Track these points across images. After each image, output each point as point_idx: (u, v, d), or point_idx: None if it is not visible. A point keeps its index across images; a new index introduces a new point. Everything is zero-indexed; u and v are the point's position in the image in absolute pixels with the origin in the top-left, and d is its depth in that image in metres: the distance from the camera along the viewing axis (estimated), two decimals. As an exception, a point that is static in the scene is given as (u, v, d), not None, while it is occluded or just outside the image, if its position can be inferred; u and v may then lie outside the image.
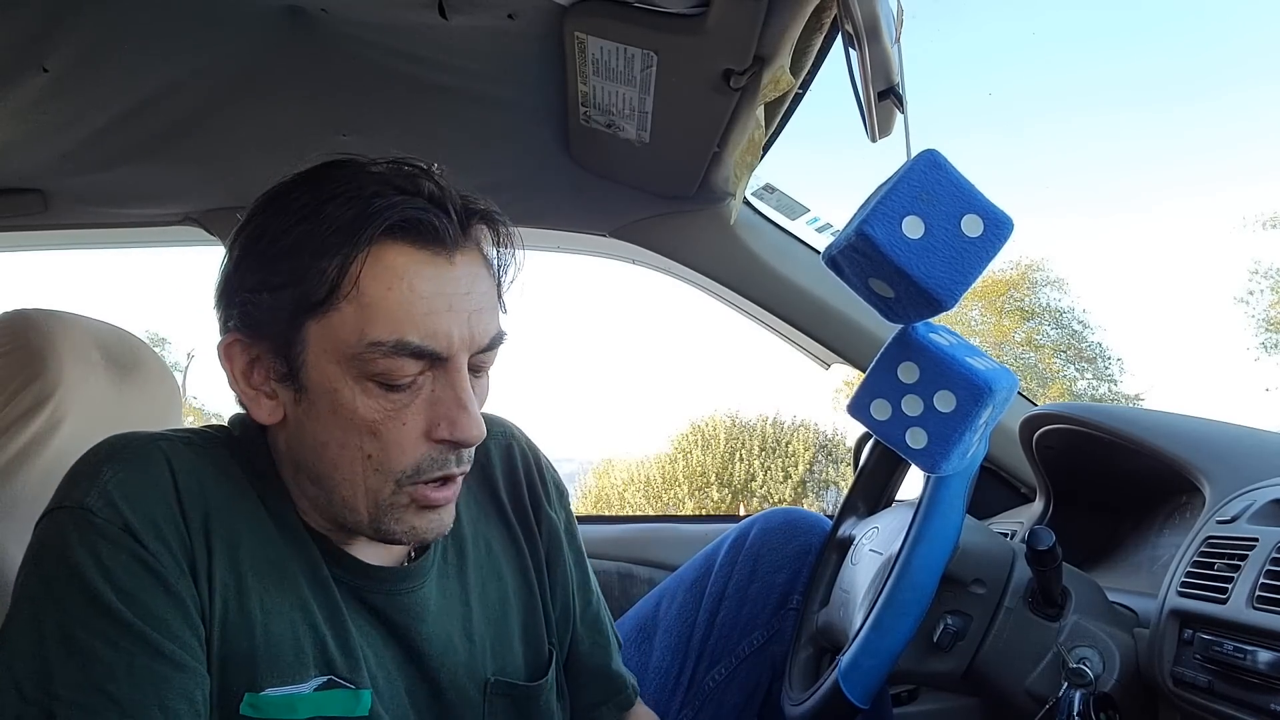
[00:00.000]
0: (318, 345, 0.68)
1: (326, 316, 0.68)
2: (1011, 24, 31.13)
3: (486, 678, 0.80)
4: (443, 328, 0.68)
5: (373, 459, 0.69)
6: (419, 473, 0.70)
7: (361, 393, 0.68)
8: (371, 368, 0.67)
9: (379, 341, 0.67)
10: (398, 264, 0.68)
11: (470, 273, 0.71)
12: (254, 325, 0.70)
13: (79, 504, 0.65)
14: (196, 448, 0.72)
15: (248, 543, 0.70)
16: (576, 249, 1.65)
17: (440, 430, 0.69)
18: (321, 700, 0.70)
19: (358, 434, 0.69)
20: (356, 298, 0.67)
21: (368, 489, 0.70)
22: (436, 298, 0.68)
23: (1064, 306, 17.90)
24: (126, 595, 0.64)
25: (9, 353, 0.92)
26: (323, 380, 0.69)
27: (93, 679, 0.62)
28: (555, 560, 0.89)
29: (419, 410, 0.69)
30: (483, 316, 0.71)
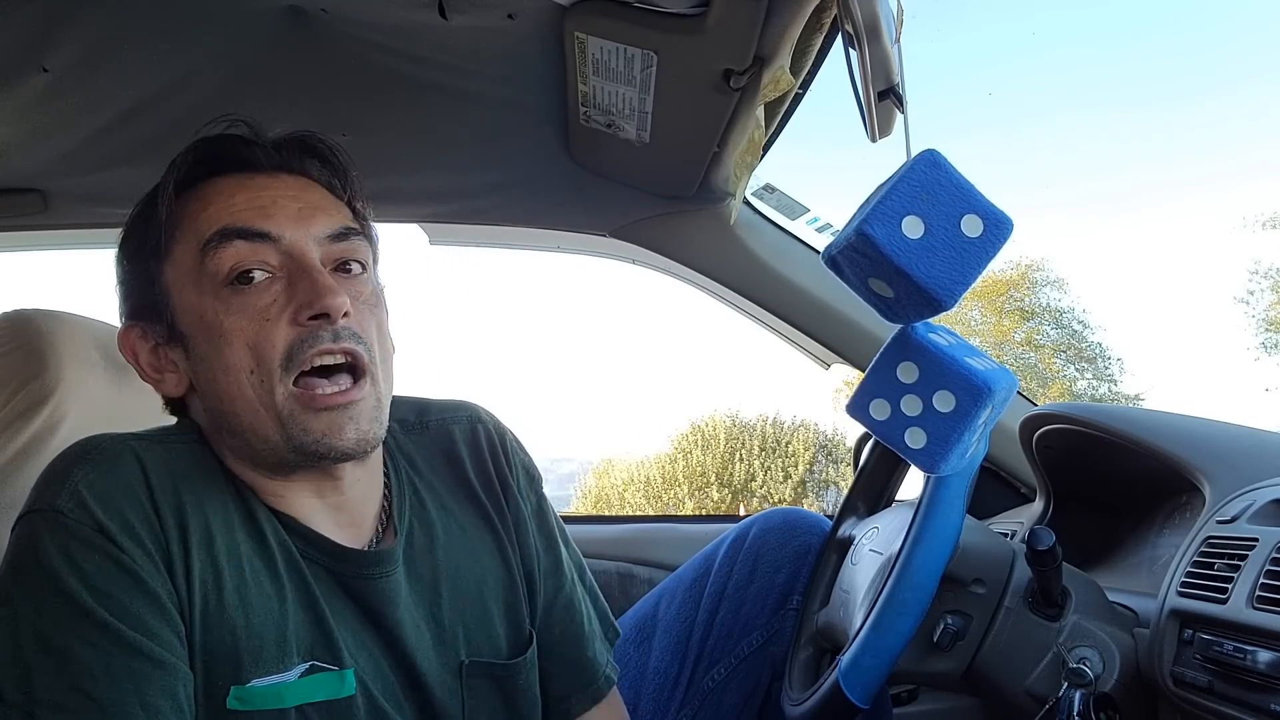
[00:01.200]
0: (174, 283, 0.75)
1: (170, 254, 0.75)
2: (1011, 24, 31.14)
3: (461, 660, 0.81)
4: (267, 216, 0.74)
5: (255, 372, 0.72)
6: (292, 357, 0.72)
7: (220, 305, 0.72)
8: (217, 270, 0.72)
9: (208, 239, 0.73)
10: (214, 189, 0.76)
11: (297, 185, 0.78)
12: (133, 306, 0.77)
13: (50, 506, 0.66)
14: (168, 445, 0.73)
15: (222, 536, 0.71)
16: (576, 249, 1.65)
17: (302, 311, 0.72)
18: (307, 686, 0.71)
19: (234, 351, 0.72)
20: (186, 225, 0.75)
21: (264, 404, 0.72)
22: (257, 199, 0.75)
23: (1064, 306, 17.92)
24: (101, 595, 0.64)
25: (9, 353, 0.93)
26: (189, 314, 0.73)
27: (71, 679, 0.62)
28: (524, 543, 0.89)
29: (280, 307, 0.73)
30: (318, 213, 0.77)
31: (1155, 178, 26.86)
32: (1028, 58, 30.36)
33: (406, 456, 0.87)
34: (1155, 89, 27.14)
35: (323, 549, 0.76)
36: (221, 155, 0.77)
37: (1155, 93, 27.33)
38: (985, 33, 31.24)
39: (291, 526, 0.75)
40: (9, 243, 1.57)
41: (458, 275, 47.83)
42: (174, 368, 0.76)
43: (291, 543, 0.75)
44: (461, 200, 1.52)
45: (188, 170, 0.76)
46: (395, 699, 0.76)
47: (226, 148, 0.77)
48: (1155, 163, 26.84)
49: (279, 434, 0.72)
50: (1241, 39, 25.71)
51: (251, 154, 0.77)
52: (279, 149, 0.79)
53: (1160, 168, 26.61)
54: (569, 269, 59.14)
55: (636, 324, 38.19)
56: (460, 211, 1.55)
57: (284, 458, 0.73)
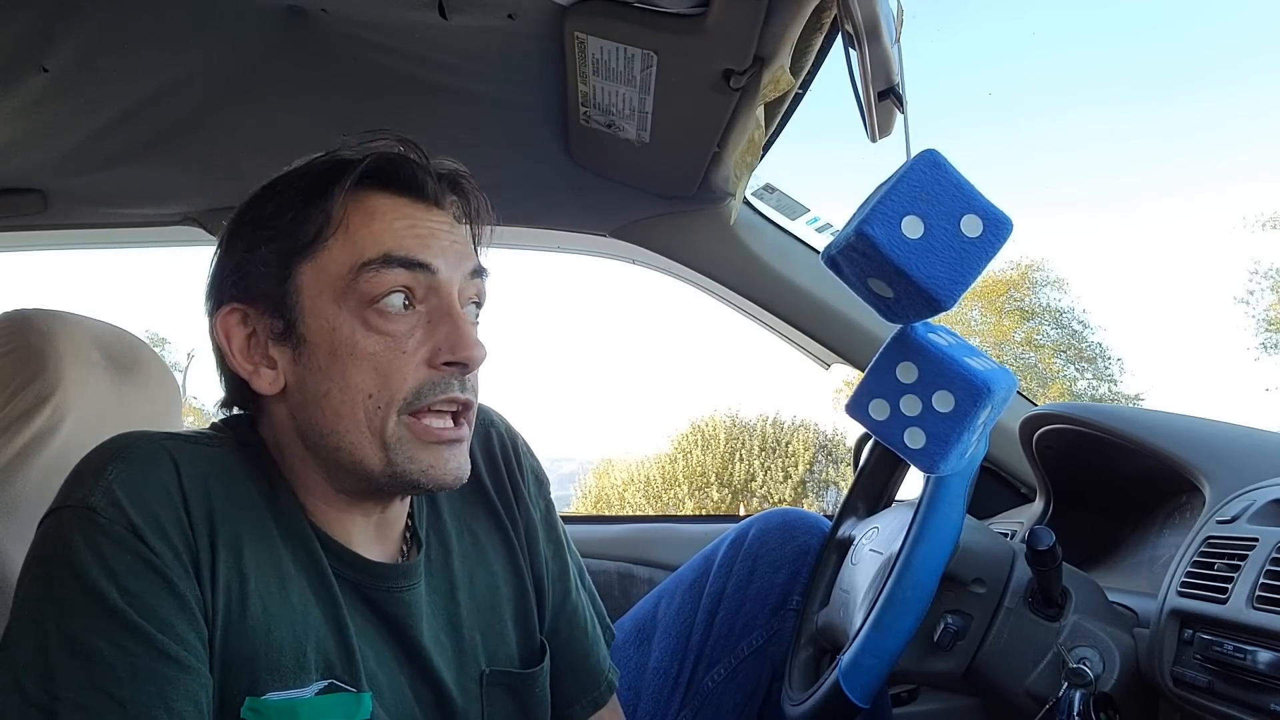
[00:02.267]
0: (312, 287, 0.72)
1: (316, 256, 0.72)
2: (1011, 24, 31.13)
3: (481, 669, 0.81)
4: (427, 247, 0.73)
5: (374, 397, 0.71)
6: (420, 397, 0.71)
7: (360, 325, 0.71)
8: (367, 291, 0.70)
9: (368, 260, 0.71)
10: (378, 203, 0.74)
11: (449, 221, 0.77)
12: (248, 288, 0.74)
13: (83, 503, 0.65)
14: (202, 447, 0.72)
15: (250, 544, 0.70)
16: (576, 249, 1.65)
17: (441, 354, 0.72)
18: (323, 705, 0.70)
19: (359, 372, 0.70)
20: (343, 233, 0.72)
21: (372, 429, 0.71)
22: (419, 228, 0.74)
23: (1064, 306, 17.92)
24: (130, 595, 0.63)
25: (9, 353, 0.92)
26: (320, 322, 0.71)
27: (95, 680, 0.61)
28: (534, 549, 0.89)
29: (419, 341, 0.72)
30: (465, 251, 0.77)
31: (1155, 177, 26.88)
32: (1028, 57, 30.36)
33: None
34: (1155, 89, 27.15)
35: (354, 565, 0.75)
36: (395, 172, 0.75)
37: (1155, 92, 27.35)
38: (985, 32, 31.24)
39: (326, 542, 0.74)
40: (9, 243, 1.57)
41: (458, 275, 47.61)
42: (271, 364, 0.74)
43: (325, 558, 0.74)
44: (461, 200, 1.52)
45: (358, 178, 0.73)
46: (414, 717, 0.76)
47: (402, 166, 0.75)
48: (1155, 163, 26.85)
49: (380, 459, 0.71)
50: (1241, 39, 25.71)
51: (423, 180, 0.75)
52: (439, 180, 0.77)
53: (1160, 168, 26.63)
54: (569, 269, 59.13)
55: (636, 324, 38.18)
56: (460, 211, 1.55)
57: (373, 480, 0.73)
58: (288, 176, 0.76)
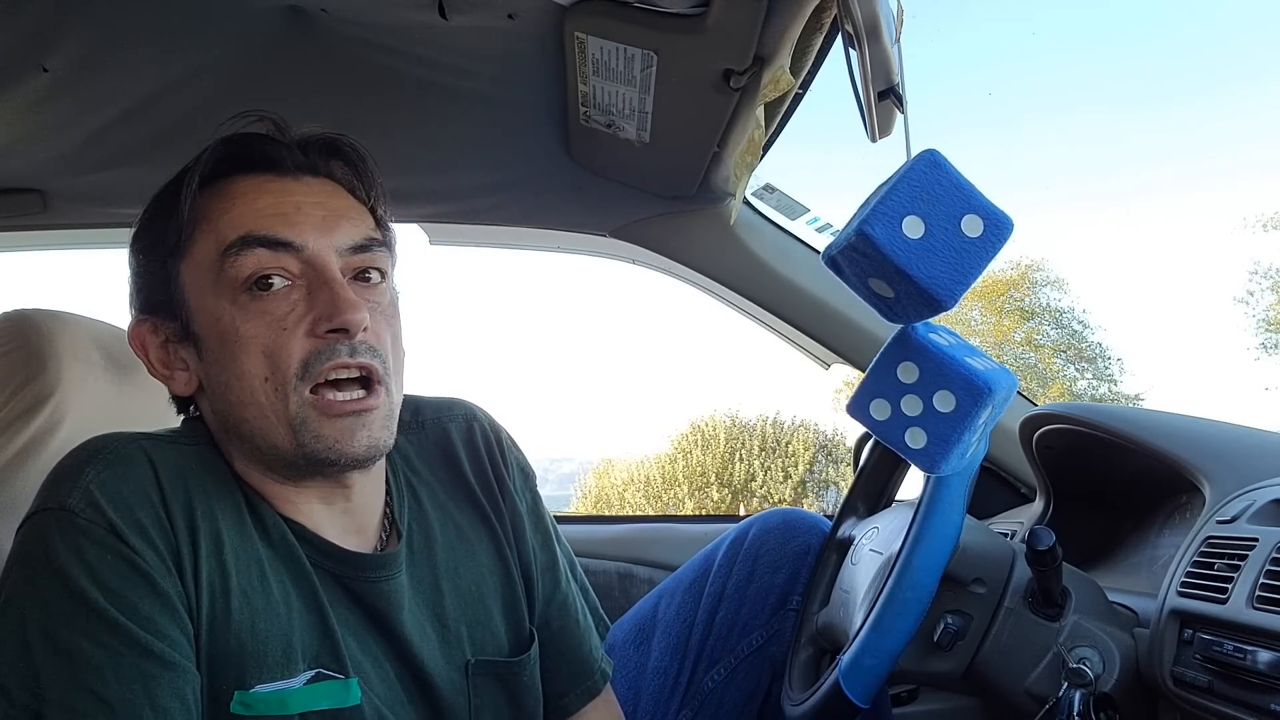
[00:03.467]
0: (191, 284, 0.73)
1: (189, 254, 0.74)
2: (1011, 24, 31.15)
3: (466, 659, 0.81)
4: (291, 224, 0.73)
5: (269, 380, 0.71)
6: (308, 368, 0.71)
7: (238, 311, 0.71)
8: (236, 275, 0.71)
9: (230, 244, 0.71)
10: (239, 187, 0.75)
11: (322, 190, 0.77)
12: (146, 299, 0.76)
13: (61, 505, 0.65)
14: (179, 446, 0.73)
15: (231, 539, 0.71)
16: (576, 249, 1.65)
17: (320, 323, 0.71)
18: (312, 694, 0.70)
19: (248, 358, 0.71)
20: (206, 226, 0.73)
21: (275, 412, 0.71)
22: (281, 205, 0.74)
23: (1064, 306, 17.92)
24: (112, 594, 0.63)
25: (9, 353, 0.92)
26: (205, 316, 0.72)
27: (80, 679, 0.61)
28: (521, 541, 0.90)
29: (299, 316, 0.72)
30: (342, 221, 0.75)
31: (1155, 177, 26.89)
32: (1028, 57, 30.38)
33: (404, 457, 0.87)
34: (1155, 88, 27.15)
35: (330, 555, 0.76)
36: (248, 153, 0.76)
37: (1155, 92, 27.34)
38: (985, 33, 31.27)
39: (300, 533, 0.75)
40: (9, 243, 1.57)
41: (458, 275, 47.84)
42: (184, 366, 0.75)
43: (300, 549, 0.74)
44: (461, 200, 1.52)
45: (211, 166, 0.75)
46: (400, 706, 0.76)
47: (253, 146, 0.76)
48: (1155, 162, 26.86)
49: (290, 440, 0.72)
50: (1241, 39, 25.71)
51: (278, 154, 0.76)
52: (304, 149, 0.77)
53: (1160, 167, 26.63)
54: (569, 269, 59.12)
55: (636, 324, 38.18)
56: (460, 211, 1.55)
57: (293, 463, 0.73)
58: (159, 191, 0.78)
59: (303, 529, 0.75)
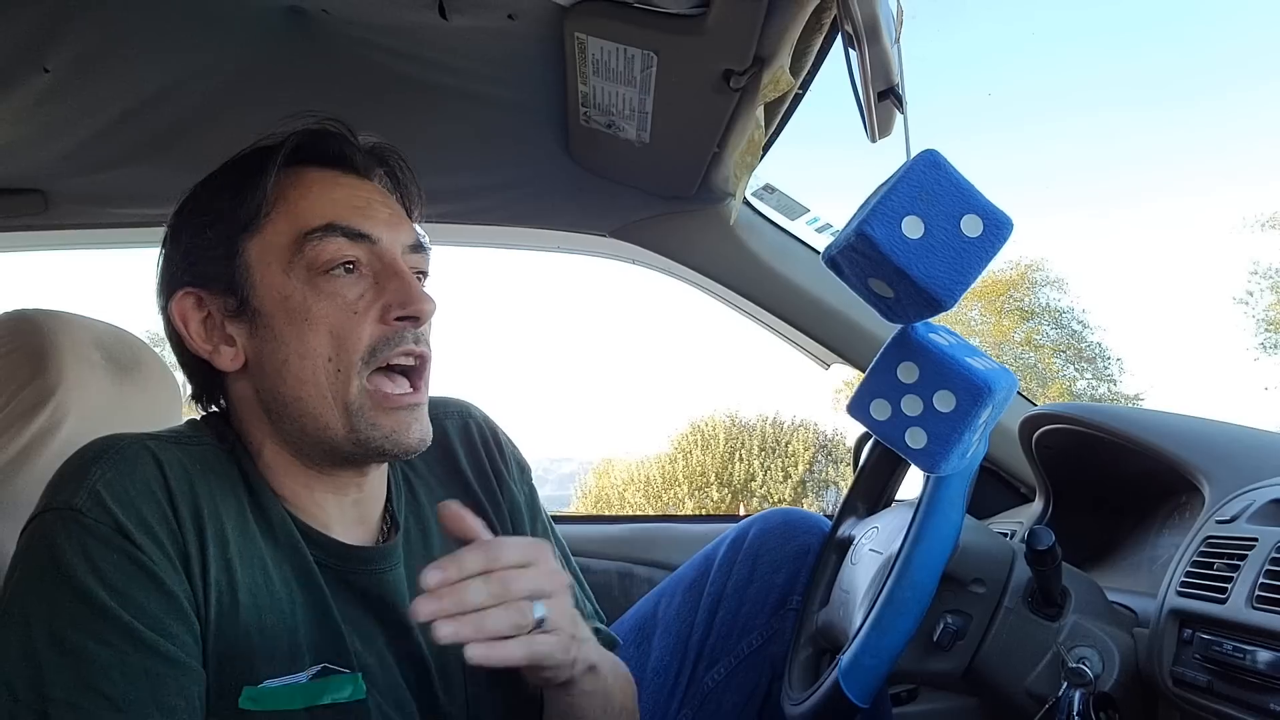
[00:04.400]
0: (260, 261, 0.75)
1: (261, 232, 0.75)
2: (1011, 24, 31.15)
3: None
4: (365, 217, 0.76)
5: (333, 360, 0.73)
6: (376, 352, 0.74)
7: (311, 290, 0.73)
8: (313, 258, 0.73)
9: (312, 229, 0.74)
10: (313, 177, 0.78)
11: (382, 191, 0.81)
12: (199, 272, 0.76)
13: (67, 505, 0.65)
14: (184, 446, 0.73)
15: (235, 537, 0.71)
16: (576, 249, 1.65)
17: (392, 310, 0.74)
18: (318, 688, 0.71)
19: (315, 336, 0.73)
20: (283, 208, 0.75)
21: (334, 394, 0.73)
22: (354, 199, 0.77)
23: (1064, 306, 17.93)
24: (118, 593, 0.64)
25: (9, 353, 0.92)
26: (272, 293, 0.74)
27: (86, 678, 0.61)
28: (519, 532, 0.91)
29: (369, 300, 0.75)
30: (401, 222, 0.80)
31: (1155, 177, 26.89)
32: (1028, 58, 30.40)
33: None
34: (1155, 89, 27.16)
35: (333, 551, 0.76)
36: (324, 147, 0.79)
37: (1155, 93, 27.35)
38: (985, 33, 31.28)
39: (305, 530, 0.76)
40: (9, 243, 1.57)
41: (457, 275, 47.89)
42: (230, 342, 0.76)
43: (306, 547, 0.75)
44: (461, 200, 1.52)
45: (291, 153, 0.77)
46: (404, 697, 0.77)
47: (329, 141, 0.79)
48: (1155, 162, 26.86)
49: (343, 425, 0.73)
50: (1241, 39, 25.71)
51: (352, 153, 0.80)
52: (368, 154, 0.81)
53: (1160, 167, 26.63)
54: (569, 269, 59.12)
55: (636, 324, 38.19)
56: (460, 211, 1.55)
57: (339, 448, 0.75)
58: (222, 167, 0.80)
59: (307, 526, 0.76)
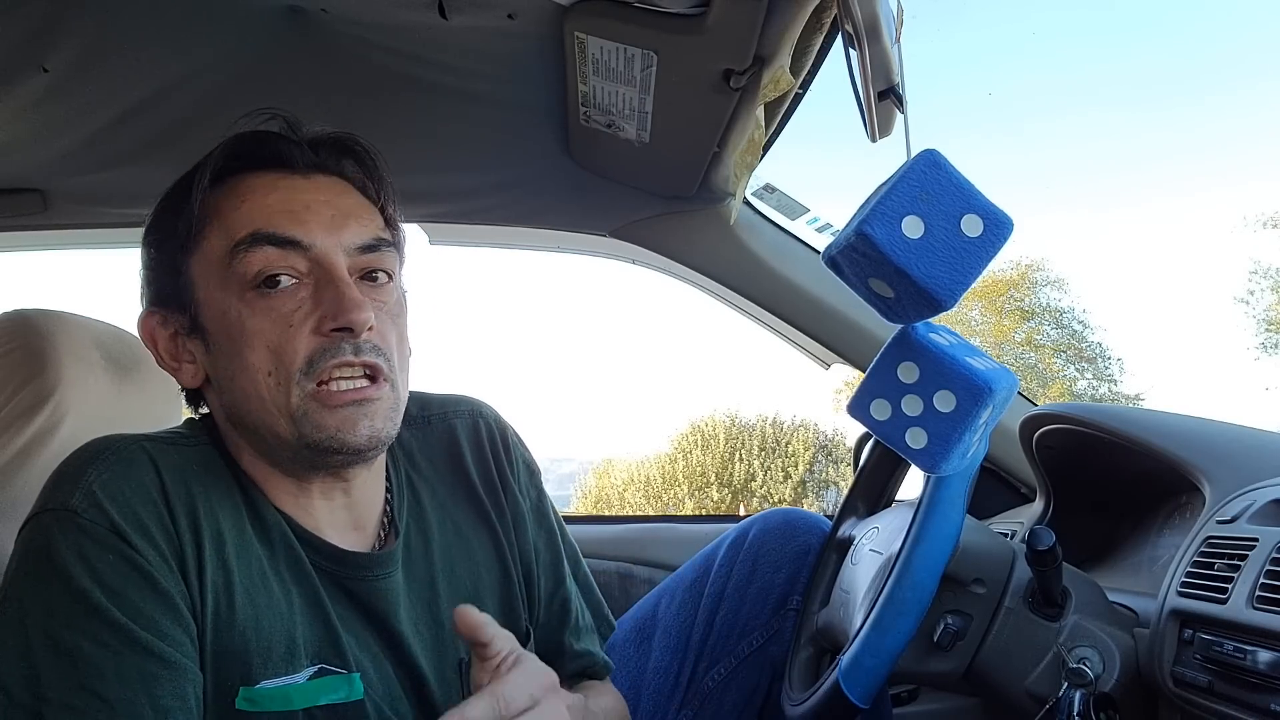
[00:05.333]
0: (201, 279, 0.74)
1: (199, 249, 0.75)
2: (1011, 24, 31.16)
3: (460, 657, 0.81)
4: (299, 222, 0.74)
5: (273, 374, 0.72)
6: (313, 365, 0.72)
7: (245, 307, 0.72)
8: (244, 272, 0.72)
9: (239, 241, 0.72)
10: (251, 184, 0.76)
11: (331, 188, 0.77)
12: (156, 294, 0.77)
13: (64, 506, 0.65)
14: (180, 447, 0.73)
15: (232, 538, 0.71)
16: (576, 249, 1.65)
17: (326, 321, 0.72)
18: (316, 689, 0.71)
19: (252, 353, 0.72)
20: (217, 222, 0.74)
21: (277, 405, 0.72)
22: (291, 203, 0.75)
23: (1064, 306, 17.93)
24: (114, 594, 0.64)
25: (9, 353, 0.92)
26: (213, 310, 0.73)
27: (81, 679, 0.61)
28: (522, 539, 0.90)
29: (305, 314, 0.73)
30: (350, 220, 0.76)
31: (1155, 177, 26.89)
32: (1028, 58, 30.40)
33: (406, 453, 0.87)
34: (1155, 88, 27.16)
35: (327, 555, 0.76)
36: (259, 151, 0.77)
37: (1155, 92, 27.35)
38: (985, 33, 31.29)
39: (300, 533, 0.76)
40: (9, 243, 1.57)
41: (458, 275, 47.83)
42: (192, 359, 0.76)
43: (301, 549, 0.75)
44: (461, 200, 1.52)
45: (223, 163, 0.76)
46: (399, 702, 0.76)
47: (265, 143, 0.77)
48: (1155, 162, 26.86)
49: (292, 431, 0.72)
50: (1241, 38, 25.71)
51: (289, 152, 0.77)
52: (316, 148, 0.78)
53: (1160, 167, 26.64)
54: (569, 269, 59.13)
55: (636, 324, 38.19)
56: (460, 211, 1.55)
57: (296, 454, 0.74)
58: (174, 184, 0.78)
59: (302, 529, 0.76)
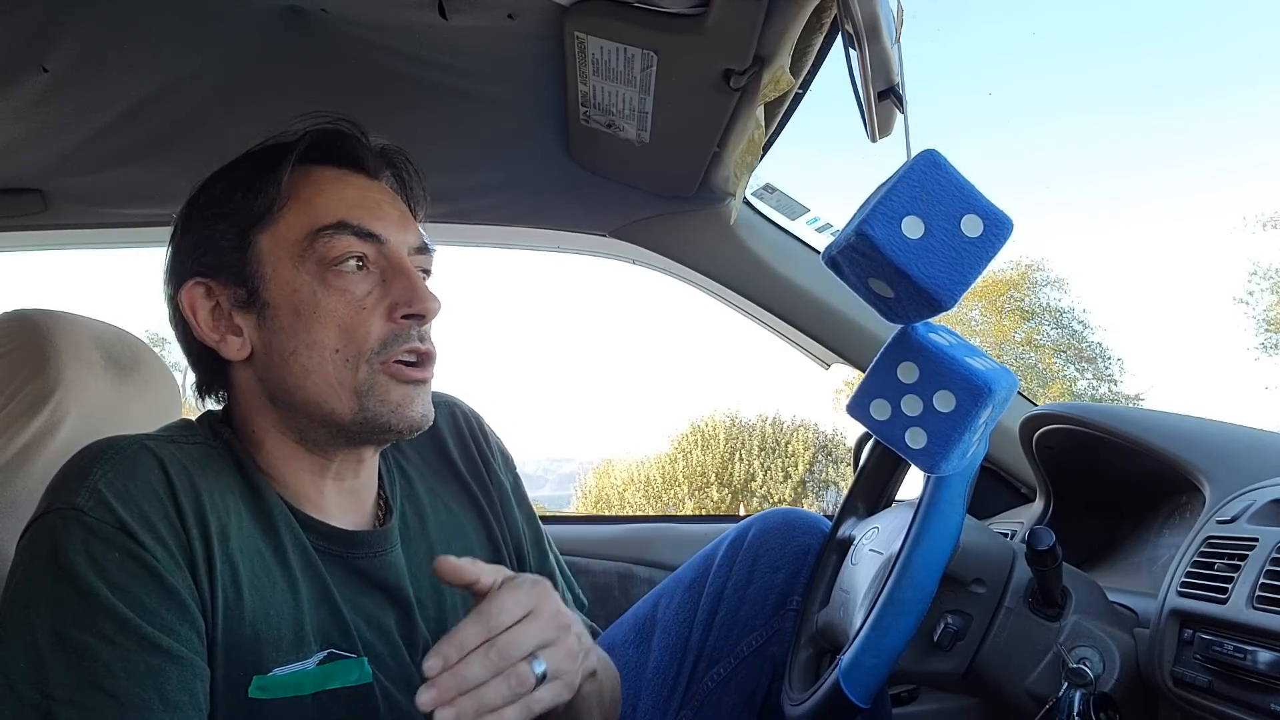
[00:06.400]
0: (271, 254, 0.77)
1: (273, 226, 0.77)
2: (1011, 24, 31.17)
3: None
4: (375, 217, 0.78)
5: (340, 352, 0.75)
6: (385, 348, 0.76)
7: (320, 285, 0.75)
8: (324, 253, 0.75)
9: (323, 226, 0.76)
10: (325, 176, 0.80)
11: (388, 192, 0.83)
12: (210, 262, 0.78)
13: (70, 504, 0.65)
14: (181, 444, 0.74)
15: (236, 531, 0.72)
16: (576, 249, 1.65)
17: (399, 309, 0.76)
18: (326, 673, 0.72)
19: (323, 329, 0.75)
20: (296, 204, 0.77)
21: (341, 382, 0.75)
22: (365, 198, 0.80)
23: (1064, 306, 17.93)
24: (121, 590, 0.64)
25: (9, 353, 0.92)
26: (282, 286, 0.76)
27: (89, 676, 0.62)
28: (509, 517, 0.95)
29: (376, 298, 0.77)
30: (409, 223, 0.82)
31: (1155, 177, 26.90)
32: (1028, 58, 30.41)
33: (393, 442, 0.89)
34: (1155, 89, 27.17)
35: (332, 538, 0.78)
36: (339, 147, 0.81)
37: (1155, 92, 27.36)
38: (985, 33, 31.30)
39: (304, 520, 0.77)
40: (9, 243, 1.57)
41: (457, 275, 47.91)
42: (238, 332, 0.78)
43: (305, 535, 0.76)
44: (461, 200, 1.52)
45: (305, 151, 0.79)
46: (408, 681, 0.78)
47: (344, 142, 0.81)
48: (1155, 162, 26.87)
49: (353, 405, 0.75)
50: (1241, 38, 25.72)
51: (363, 154, 0.82)
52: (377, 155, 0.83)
53: (1160, 167, 26.65)
54: (569, 269, 59.16)
55: (636, 324, 38.20)
56: (460, 211, 1.55)
57: (344, 428, 0.76)
58: (235, 162, 0.81)
59: (306, 515, 0.77)
